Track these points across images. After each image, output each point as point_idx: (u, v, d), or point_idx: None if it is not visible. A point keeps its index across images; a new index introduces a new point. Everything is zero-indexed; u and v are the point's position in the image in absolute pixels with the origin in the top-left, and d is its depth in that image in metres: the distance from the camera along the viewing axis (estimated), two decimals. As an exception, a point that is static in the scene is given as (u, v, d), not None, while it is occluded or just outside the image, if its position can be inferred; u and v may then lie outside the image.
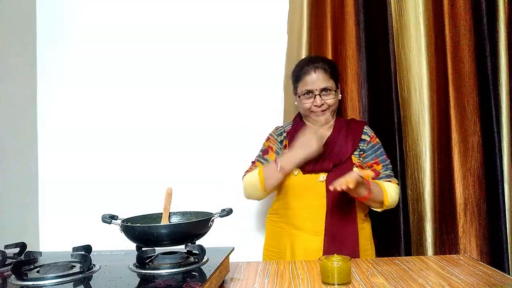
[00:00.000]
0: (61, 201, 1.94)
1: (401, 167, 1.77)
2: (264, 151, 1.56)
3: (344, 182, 1.25)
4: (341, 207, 1.41)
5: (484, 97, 1.79)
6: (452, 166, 1.80)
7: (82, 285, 0.86)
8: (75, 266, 0.93)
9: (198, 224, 1.02)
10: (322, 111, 1.48)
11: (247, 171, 1.53)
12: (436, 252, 1.73)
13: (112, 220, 1.05)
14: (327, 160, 1.44)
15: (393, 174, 1.52)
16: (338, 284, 1.03)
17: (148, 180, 1.90)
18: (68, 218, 1.92)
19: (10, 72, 1.83)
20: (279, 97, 1.87)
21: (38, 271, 0.90)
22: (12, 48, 1.85)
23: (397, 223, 1.75)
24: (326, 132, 1.52)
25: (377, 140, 1.54)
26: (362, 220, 1.49)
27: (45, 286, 0.83)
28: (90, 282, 0.86)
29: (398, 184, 1.51)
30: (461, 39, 1.81)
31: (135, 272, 0.92)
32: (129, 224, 1.03)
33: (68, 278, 0.86)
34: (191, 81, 1.96)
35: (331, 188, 1.29)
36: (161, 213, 1.11)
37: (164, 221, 1.09)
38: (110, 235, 1.15)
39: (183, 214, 1.16)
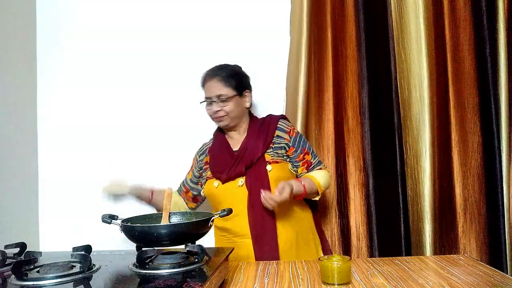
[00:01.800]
0: (61, 201, 1.94)
1: (401, 167, 1.77)
2: (189, 170, 1.68)
3: (272, 203, 1.30)
4: (260, 207, 1.39)
5: (484, 97, 1.80)
6: (452, 166, 1.80)
7: (82, 285, 0.86)
8: (75, 266, 0.93)
9: (198, 224, 1.02)
10: (220, 117, 1.50)
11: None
12: (436, 252, 1.73)
13: (112, 220, 1.05)
14: (240, 164, 1.45)
15: (321, 161, 1.56)
16: (338, 284, 1.03)
17: (148, 180, 1.90)
18: (68, 218, 1.92)
19: (10, 72, 1.83)
20: (281, 97, 1.86)
21: (38, 271, 0.90)
22: (12, 48, 1.85)
23: (397, 223, 1.75)
24: (241, 136, 1.54)
25: (296, 131, 1.56)
26: (300, 211, 1.50)
27: (45, 286, 0.83)
28: (90, 282, 0.86)
29: (326, 168, 1.57)
30: (461, 39, 1.81)
31: (135, 272, 0.92)
32: (129, 224, 1.03)
33: (68, 278, 0.86)
34: (191, 81, 1.95)
35: (267, 205, 1.33)
36: (161, 213, 1.11)
37: (164, 221, 1.09)
38: (110, 235, 1.15)
39: (183, 214, 1.16)
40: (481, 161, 1.79)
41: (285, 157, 1.50)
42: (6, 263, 0.99)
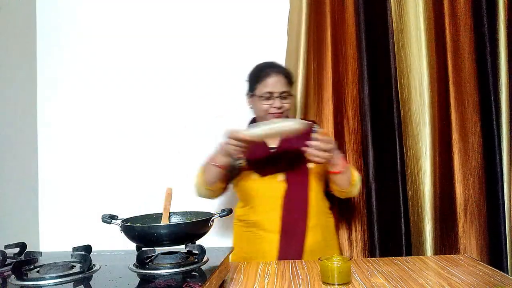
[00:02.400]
0: (61, 201, 1.94)
1: (401, 167, 1.77)
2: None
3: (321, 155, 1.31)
4: (296, 203, 1.44)
5: (484, 97, 1.80)
6: (453, 166, 1.80)
7: (82, 285, 0.86)
8: (75, 266, 0.93)
9: (198, 224, 1.02)
10: (280, 113, 1.50)
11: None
12: (436, 252, 1.73)
13: (112, 220, 1.05)
14: (284, 161, 1.48)
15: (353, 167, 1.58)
16: (338, 284, 1.03)
17: (148, 180, 1.90)
18: (68, 218, 1.92)
19: (10, 73, 1.83)
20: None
21: (38, 271, 0.90)
22: (12, 48, 1.85)
23: (397, 223, 1.75)
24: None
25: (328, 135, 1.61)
26: (327, 215, 1.53)
27: (45, 286, 0.83)
28: (90, 282, 0.86)
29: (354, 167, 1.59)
30: (461, 39, 1.81)
31: (135, 272, 0.92)
32: (129, 224, 1.03)
33: (68, 278, 0.86)
34: (192, 81, 1.96)
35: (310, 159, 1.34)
36: (161, 213, 1.11)
37: (164, 221, 1.09)
38: (110, 235, 1.15)
39: (183, 214, 1.16)
40: (481, 161, 1.79)
41: None
42: (6, 263, 0.99)
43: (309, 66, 1.80)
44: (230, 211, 1.15)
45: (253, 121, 1.62)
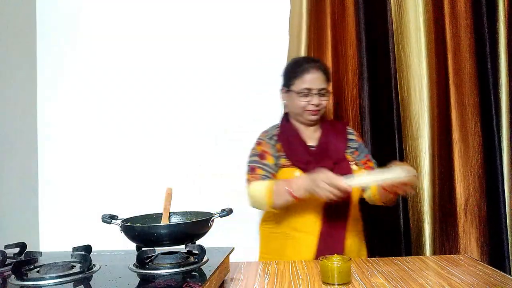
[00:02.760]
0: (61, 201, 1.94)
1: (401, 167, 1.77)
2: (260, 156, 1.49)
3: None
4: (337, 205, 1.39)
5: (484, 97, 1.80)
6: (453, 166, 1.80)
7: (82, 285, 0.86)
8: (75, 266, 0.93)
9: (198, 224, 1.02)
10: (317, 111, 1.47)
11: (249, 178, 1.46)
12: (436, 252, 1.73)
13: (112, 220, 1.05)
14: (326, 160, 1.43)
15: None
16: (338, 284, 1.03)
17: (148, 180, 1.90)
18: (68, 218, 1.92)
19: (10, 73, 1.83)
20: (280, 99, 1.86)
21: (38, 271, 0.90)
22: (12, 48, 1.85)
23: (397, 223, 1.75)
24: (315, 132, 1.53)
25: (361, 139, 1.60)
26: (357, 221, 1.50)
27: (45, 286, 0.83)
28: (90, 282, 0.86)
29: None
30: (461, 39, 1.81)
31: (135, 272, 0.92)
32: (129, 224, 1.02)
33: (68, 278, 0.86)
34: (192, 82, 1.96)
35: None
36: (161, 213, 1.11)
37: (164, 221, 1.09)
38: (110, 235, 1.15)
39: (183, 214, 1.16)
40: (481, 161, 1.79)
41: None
42: (6, 263, 0.99)
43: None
44: (230, 211, 1.15)
45: (286, 116, 1.57)
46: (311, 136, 1.51)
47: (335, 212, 1.40)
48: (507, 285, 1.02)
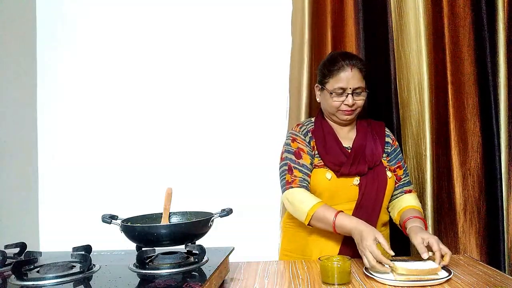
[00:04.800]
0: (61, 201, 1.94)
1: (401, 167, 1.77)
2: (296, 155, 1.40)
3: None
4: (367, 211, 1.37)
5: (483, 97, 1.80)
6: (452, 166, 1.80)
7: (82, 285, 0.86)
8: (75, 266, 0.93)
9: (198, 224, 1.02)
10: (351, 111, 1.41)
11: (288, 179, 1.38)
12: (436, 252, 1.73)
13: (112, 220, 1.05)
14: (362, 163, 1.39)
15: (410, 180, 1.53)
16: (338, 284, 1.03)
17: (148, 180, 1.90)
18: (68, 218, 1.92)
19: (10, 73, 1.83)
20: (284, 98, 1.86)
21: (38, 271, 0.90)
22: (12, 49, 1.85)
23: (397, 223, 1.74)
24: (350, 132, 1.49)
25: (397, 142, 1.54)
26: (385, 226, 1.48)
27: (45, 286, 0.83)
28: (90, 282, 0.86)
29: (415, 190, 1.54)
30: (461, 39, 1.81)
31: (135, 272, 0.92)
32: (129, 224, 1.03)
33: (68, 278, 0.86)
34: (194, 82, 1.95)
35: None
36: (161, 213, 1.11)
37: (164, 221, 1.09)
38: (110, 235, 1.15)
39: (183, 214, 1.16)
40: (481, 161, 1.79)
41: None
42: (6, 263, 0.99)
43: (312, 67, 1.79)
44: (230, 211, 1.15)
45: (321, 113, 1.51)
46: (346, 137, 1.46)
47: (364, 215, 1.34)
48: (507, 285, 1.02)
